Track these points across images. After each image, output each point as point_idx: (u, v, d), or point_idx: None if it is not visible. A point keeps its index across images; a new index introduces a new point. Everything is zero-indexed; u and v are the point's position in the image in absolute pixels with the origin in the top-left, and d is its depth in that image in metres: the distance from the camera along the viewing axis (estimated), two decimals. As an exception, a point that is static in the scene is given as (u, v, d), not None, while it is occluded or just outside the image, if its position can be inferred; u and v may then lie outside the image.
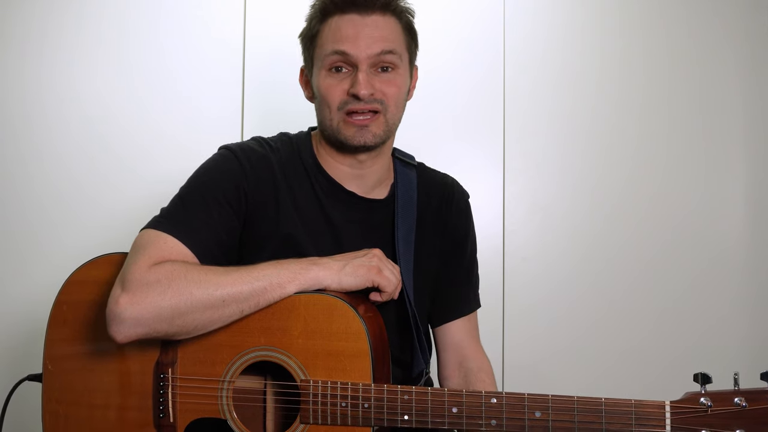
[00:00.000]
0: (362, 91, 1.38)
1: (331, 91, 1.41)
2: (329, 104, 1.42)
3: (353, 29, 1.39)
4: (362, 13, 1.40)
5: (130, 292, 1.22)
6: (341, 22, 1.40)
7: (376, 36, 1.40)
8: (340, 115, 1.41)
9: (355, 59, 1.39)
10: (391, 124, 1.45)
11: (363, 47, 1.39)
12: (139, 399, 1.32)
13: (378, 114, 1.42)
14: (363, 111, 1.40)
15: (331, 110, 1.42)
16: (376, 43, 1.39)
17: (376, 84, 1.40)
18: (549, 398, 1.19)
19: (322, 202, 1.47)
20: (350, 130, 1.41)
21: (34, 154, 2.33)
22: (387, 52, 1.41)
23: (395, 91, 1.43)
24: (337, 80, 1.41)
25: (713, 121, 2.46)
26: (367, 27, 1.40)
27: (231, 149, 1.45)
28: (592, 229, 2.43)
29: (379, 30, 1.41)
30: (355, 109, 1.40)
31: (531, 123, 2.44)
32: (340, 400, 1.25)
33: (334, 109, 1.41)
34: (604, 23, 2.47)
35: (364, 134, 1.41)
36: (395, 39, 1.43)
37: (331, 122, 1.43)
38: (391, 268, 1.37)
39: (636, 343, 2.40)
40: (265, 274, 1.27)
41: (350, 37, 1.39)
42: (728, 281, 2.43)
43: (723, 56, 2.47)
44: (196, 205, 1.35)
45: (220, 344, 1.29)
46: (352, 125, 1.41)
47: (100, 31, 2.37)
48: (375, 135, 1.42)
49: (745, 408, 1.11)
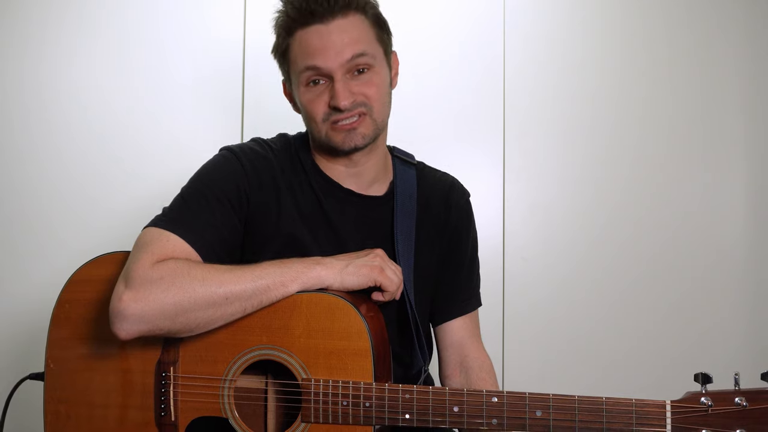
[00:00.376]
0: (342, 102, 1.38)
1: (312, 106, 1.41)
2: (314, 118, 1.42)
3: (319, 41, 1.38)
4: (324, 21, 1.38)
5: (133, 289, 1.22)
6: (307, 36, 1.39)
7: (344, 41, 1.38)
8: (326, 125, 1.42)
9: (328, 71, 1.38)
10: (379, 122, 1.45)
11: (333, 57, 1.37)
12: (141, 398, 1.32)
13: (364, 115, 1.42)
14: (346, 118, 1.41)
15: (317, 123, 1.42)
16: (345, 49, 1.38)
17: (354, 89, 1.40)
18: (550, 397, 1.20)
19: (321, 201, 1.48)
20: (339, 136, 1.42)
21: (34, 154, 2.34)
22: (358, 55, 1.39)
23: (376, 90, 1.43)
24: (317, 94, 1.41)
25: (714, 121, 2.46)
26: (332, 34, 1.38)
27: (232, 150, 1.46)
28: (592, 229, 2.44)
29: (346, 34, 1.39)
30: (339, 118, 1.40)
31: (531, 123, 2.45)
32: (342, 399, 1.25)
33: (320, 121, 1.42)
34: (604, 23, 2.48)
35: (353, 137, 1.42)
36: (364, 38, 1.41)
37: (319, 133, 1.44)
38: (393, 268, 1.37)
39: (636, 343, 2.41)
40: (268, 272, 1.27)
41: (318, 50, 1.38)
42: (729, 281, 2.44)
43: (723, 56, 2.47)
44: (199, 204, 1.35)
45: (222, 343, 1.29)
46: (339, 131, 1.41)
47: (100, 31, 2.37)
48: (364, 136, 1.43)
49: (746, 408, 1.11)
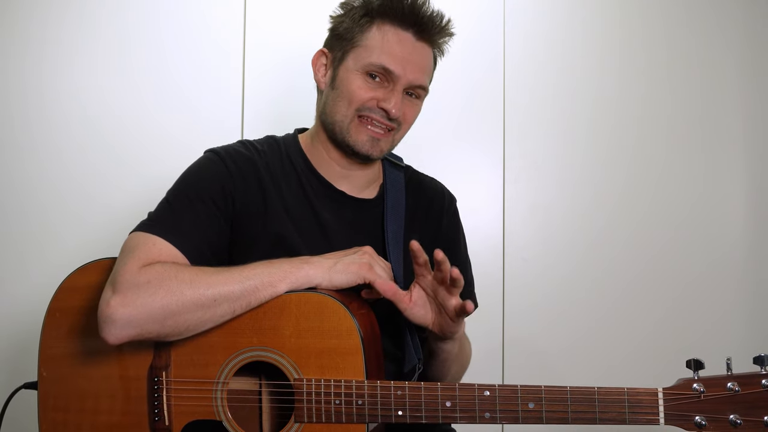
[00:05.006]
0: (394, 111, 1.41)
1: (360, 93, 1.42)
2: (351, 101, 1.43)
3: (404, 51, 1.41)
4: (417, 35, 1.43)
5: (120, 293, 1.22)
6: (397, 37, 1.42)
7: (422, 66, 1.44)
8: (354, 116, 1.43)
9: (396, 79, 1.41)
10: (396, 142, 1.51)
11: (408, 72, 1.42)
12: (134, 404, 1.32)
13: (391, 132, 1.46)
14: (380, 124, 1.43)
15: (349, 107, 1.43)
16: (419, 74, 1.43)
17: (403, 107, 1.44)
18: (542, 389, 1.19)
19: (312, 201, 1.48)
20: (362, 135, 1.44)
21: (34, 154, 2.33)
22: (422, 86, 1.46)
23: (413, 116, 1.49)
24: (371, 87, 1.43)
25: (713, 121, 2.45)
26: (416, 53, 1.43)
27: (216, 152, 1.46)
28: (592, 229, 2.43)
29: (425, 60, 1.45)
30: (376, 119, 1.43)
31: (531, 123, 2.44)
32: (334, 398, 1.24)
33: (353, 108, 1.43)
34: (605, 23, 2.47)
35: (374, 146, 1.45)
36: (429, 72, 1.49)
37: (343, 120, 1.44)
38: (382, 265, 1.36)
39: (636, 343, 2.39)
40: (256, 273, 1.27)
41: (399, 59, 1.41)
42: (729, 281, 2.43)
43: (723, 56, 2.47)
44: (184, 208, 1.35)
45: (213, 346, 1.29)
46: (365, 132, 1.44)
47: (100, 31, 2.37)
48: (382, 150, 1.47)
49: (738, 392, 1.10)
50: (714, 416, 1.11)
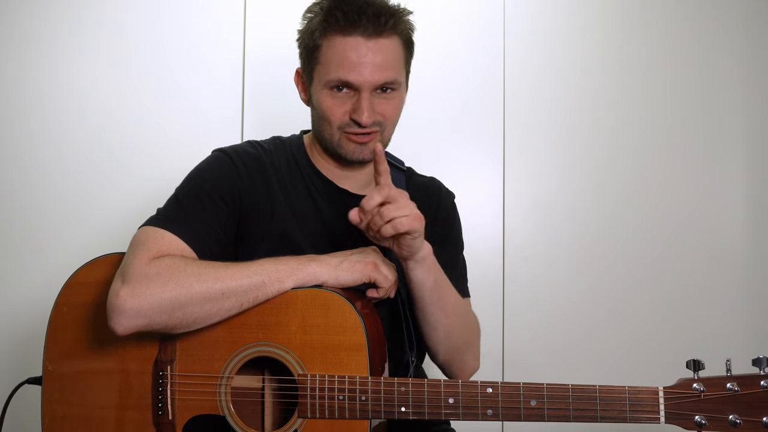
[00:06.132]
0: (364, 119, 1.40)
1: (332, 112, 1.43)
2: (329, 122, 1.44)
3: (356, 56, 1.38)
4: (367, 36, 1.39)
5: (130, 284, 1.24)
6: (344, 47, 1.39)
7: (382, 63, 1.39)
8: (340, 132, 1.44)
9: (357, 86, 1.40)
10: (387, 139, 1.49)
11: (367, 76, 1.39)
12: (139, 398, 1.33)
13: (376, 132, 1.45)
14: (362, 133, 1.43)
15: (331, 127, 1.44)
16: (381, 72, 1.40)
17: (376, 107, 1.42)
18: (544, 387, 1.20)
19: (317, 200, 1.50)
20: (350, 146, 1.45)
21: (34, 155, 2.34)
22: (389, 82, 1.42)
23: (393, 111, 1.47)
24: (339, 101, 1.42)
25: (714, 121, 2.46)
26: (371, 53, 1.39)
27: (225, 151, 1.49)
28: (593, 228, 2.43)
29: (383, 55, 1.40)
30: (356, 131, 1.43)
31: (531, 123, 2.44)
32: (338, 394, 1.26)
33: (335, 128, 1.44)
34: (605, 23, 2.48)
35: (363, 150, 1.45)
36: (396, 64, 1.44)
37: (331, 137, 1.46)
38: (388, 266, 1.38)
39: (637, 343, 2.39)
40: (264, 269, 1.28)
41: (353, 66, 1.38)
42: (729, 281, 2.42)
43: (724, 56, 2.47)
44: (193, 204, 1.37)
45: (218, 341, 1.30)
46: (351, 142, 1.44)
47: (100, 31, 2.37)
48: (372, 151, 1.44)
49: (737, 393, 1.12)
50: (714, 416, 1.12)
